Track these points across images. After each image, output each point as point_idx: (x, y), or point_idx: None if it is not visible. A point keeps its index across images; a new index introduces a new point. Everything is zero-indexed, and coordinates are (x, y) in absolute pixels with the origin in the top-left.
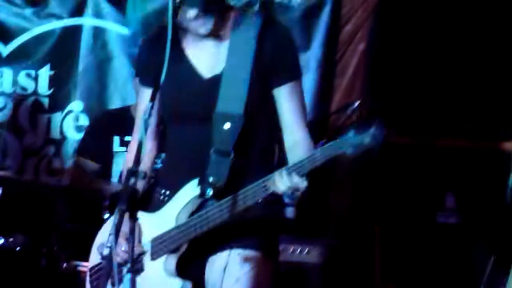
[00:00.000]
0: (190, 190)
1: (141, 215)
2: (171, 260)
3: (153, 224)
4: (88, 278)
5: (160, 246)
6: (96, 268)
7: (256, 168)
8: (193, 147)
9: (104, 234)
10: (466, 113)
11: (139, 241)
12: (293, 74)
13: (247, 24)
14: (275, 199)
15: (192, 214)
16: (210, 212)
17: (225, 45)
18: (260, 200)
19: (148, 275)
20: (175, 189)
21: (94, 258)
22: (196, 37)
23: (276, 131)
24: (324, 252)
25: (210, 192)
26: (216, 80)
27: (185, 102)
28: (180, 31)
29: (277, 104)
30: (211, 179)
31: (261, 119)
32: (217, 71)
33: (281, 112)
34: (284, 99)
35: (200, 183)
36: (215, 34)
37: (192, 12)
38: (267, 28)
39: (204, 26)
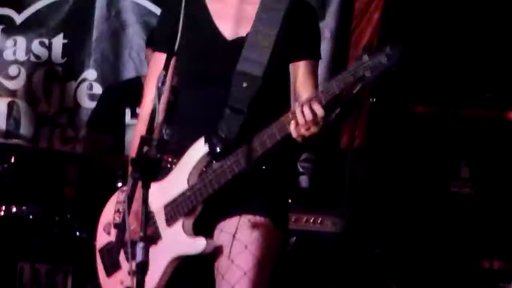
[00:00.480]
0: (199, 149)
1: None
2: (188, 222)
3: (164, 191)
4: (98, 259)
5: (175, 210)
6: (106, 248)
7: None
8: (207, 106)
9: (108, 213)
10: (480, 83)
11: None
12: (314, 53)
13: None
14: (286, 164)
15: (203, 172)
16: (226, 164)
17: (251, 8)
18: (279, 139)
19: (168, 241)
20: (178, 151)
21: (102, 239)
22: None
23: (288, 99)
24: (338, 221)
25: (219, 147)
26: (239, 43)
27: (205, 64)
28: None
29: (292, 77)
30: (222, 134)
31: (278, 86)
32: (241, 33)
33: (295, 85)
34: (301, 73)
35: (208, 140)
36: None
37: None
38: (297, 4)
39: None
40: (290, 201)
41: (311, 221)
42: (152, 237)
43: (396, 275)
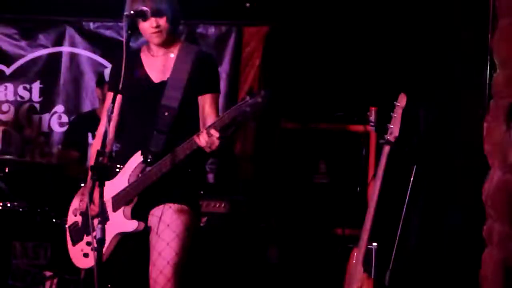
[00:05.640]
0: (136, 158)
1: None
2: (128, 209)
3: (112, 187)
4: (68, 234)
5: (118, 200)
6: (73, 226)
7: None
8: (142, 129)
9: (75, 202)
10: (332, 105)
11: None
12: (214, 89)
13: (187, 50)
14: (198, 166)
15: (138, 174)
16: (153, 170)
17: (170, 62)
18: (188, 153)
19: (113, 222)
20: (123, 161)
21: (70, 219)
22: (151, 54)
23: (198, 122)
24: (235, 205)
25: (150, 157)
26: (162, 84)
27: (141, 98)
28: (141, 50)
29: (200, 106)
30: (152, 149)
31: (189, 113)
32: (163, 78)
33: (202, 112)
34: (205, 104)
35: (142, 153)
36: (165, 48)
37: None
38: (201, 56)
39: (159, 38)
40: (201, 192)
41: (217, 206)
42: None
43: (277, 241)
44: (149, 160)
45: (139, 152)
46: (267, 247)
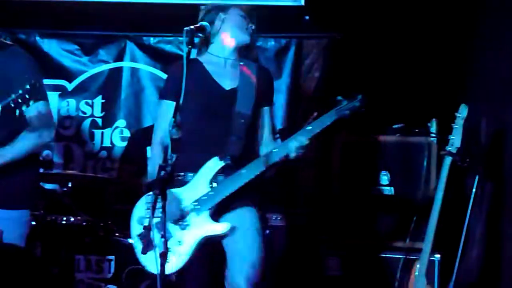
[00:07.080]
0: (214, 163)
1: (175, 191)
2: (213, 213)
3: (191, 193)
4: (137, 242)
5: (202, 204)
6: (142, 234)
7: (254, 148)
8: (215, 135)
9: (138, 209)
10: (393, 116)
11: (179, 208)
12: (272, 101)
13: (249, 62)
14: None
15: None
16: (242, 172)
17: (237, 70)
18: (283, 157)
19: (196, 227)
20: (192, 168)
21: (136, 228)
22: (215, 62)
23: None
24: (296, 217)
25: (228, 161)
26: (234, 91)
27: (212, 105)
28: (201, 60)
29: (261, 117)
30: (231, 154)
31: (256, 120)
32: (233, 85)
33: (262, 122)
34: (266, 115)
35: (221, 158)
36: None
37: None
38: (261, 70)
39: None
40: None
41: (278, 218)
42: (180, 226)
43: (339, 253)
44: (229, 163)
45: (217, 158)
46: (328, 259)
